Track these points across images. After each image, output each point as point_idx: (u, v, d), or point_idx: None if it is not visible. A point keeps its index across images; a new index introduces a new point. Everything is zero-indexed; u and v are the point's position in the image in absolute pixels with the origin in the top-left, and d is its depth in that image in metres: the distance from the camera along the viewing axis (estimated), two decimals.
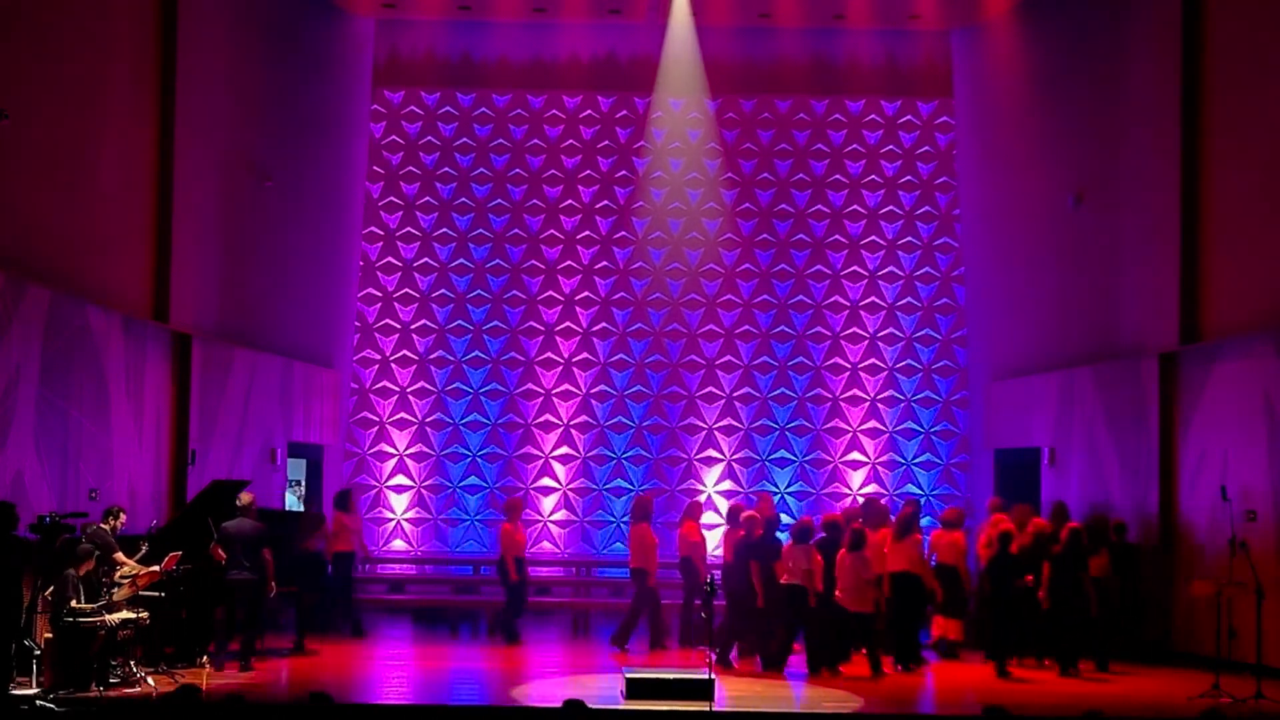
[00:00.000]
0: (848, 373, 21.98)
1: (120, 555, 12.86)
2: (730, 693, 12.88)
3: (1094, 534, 15.50)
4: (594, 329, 22.01)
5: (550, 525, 21.61)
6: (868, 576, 14.19)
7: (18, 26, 13.47)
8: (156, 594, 12.77)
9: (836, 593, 14.22)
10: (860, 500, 19.61)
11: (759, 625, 14.62)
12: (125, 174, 15.63)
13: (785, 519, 17.61)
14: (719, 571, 15.45)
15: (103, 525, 12.99)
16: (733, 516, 15.72)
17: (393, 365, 21.94)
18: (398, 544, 21.58)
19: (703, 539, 16.28)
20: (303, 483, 20.06)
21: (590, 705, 9.52)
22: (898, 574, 14.84)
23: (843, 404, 21.93)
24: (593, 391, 21.90)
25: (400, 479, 21.70)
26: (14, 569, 11.33)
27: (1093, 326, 18.23)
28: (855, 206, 22.32)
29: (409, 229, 22.18)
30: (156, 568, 12.83)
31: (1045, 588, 14.46)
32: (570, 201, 22.27)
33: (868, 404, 21.92)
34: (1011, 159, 20.57)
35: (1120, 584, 15.35)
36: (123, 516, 13.22)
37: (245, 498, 13.98)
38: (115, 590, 12.31)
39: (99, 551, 12.25)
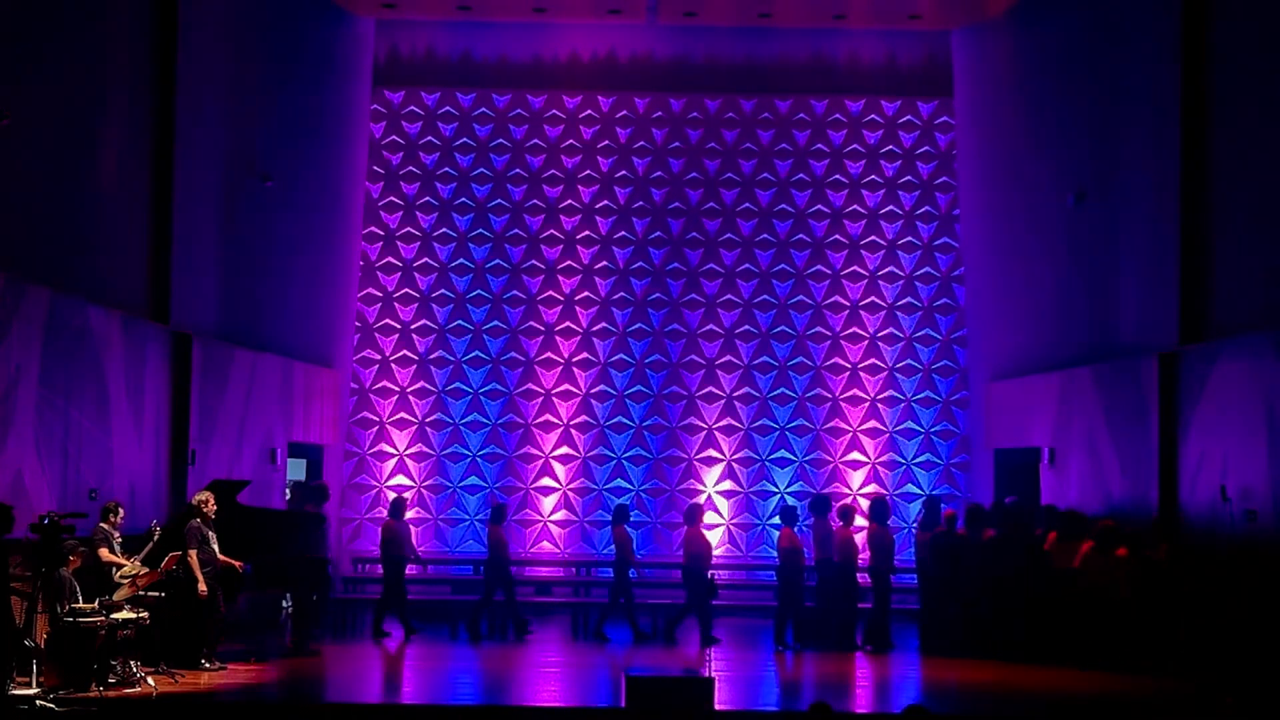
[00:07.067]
0: (848, 373, 21.97)
1: (105, 551, 12.82)
2: None
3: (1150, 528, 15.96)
4: (594, 329, 22.00)
5: (550, 525, 21.60)
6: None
7: (17, 27, 13.46)
8: (157, 594, 12.78)
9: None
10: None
11: None
12: (125, 174, 15.62)
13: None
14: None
15: (102, 524, 13.02)
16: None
17: (393, 365, 21.93)
18: None
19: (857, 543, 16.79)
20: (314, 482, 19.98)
21: (589, 705, 9.52)
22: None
23: (843, 404, 21.91)
24: (593, 391, 21.89)
25: (400, 479, 21.69)
26: (5, 572, 11.33)
27: (1092, 326, 18.21)
28: (855, 207, 22.31)
29: (409, 229, 22.18)
30: (157, 568, 12.85)
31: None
32: (570, 201, 22.27)
33: (868, 404, 21.91)
34: (1012, 159, 20.56)
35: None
36: (121, 512, 13.22)
37: (198, 497, 14.00)
38: (115, 590, 12.34)
39: (83, 547, 12.34)
